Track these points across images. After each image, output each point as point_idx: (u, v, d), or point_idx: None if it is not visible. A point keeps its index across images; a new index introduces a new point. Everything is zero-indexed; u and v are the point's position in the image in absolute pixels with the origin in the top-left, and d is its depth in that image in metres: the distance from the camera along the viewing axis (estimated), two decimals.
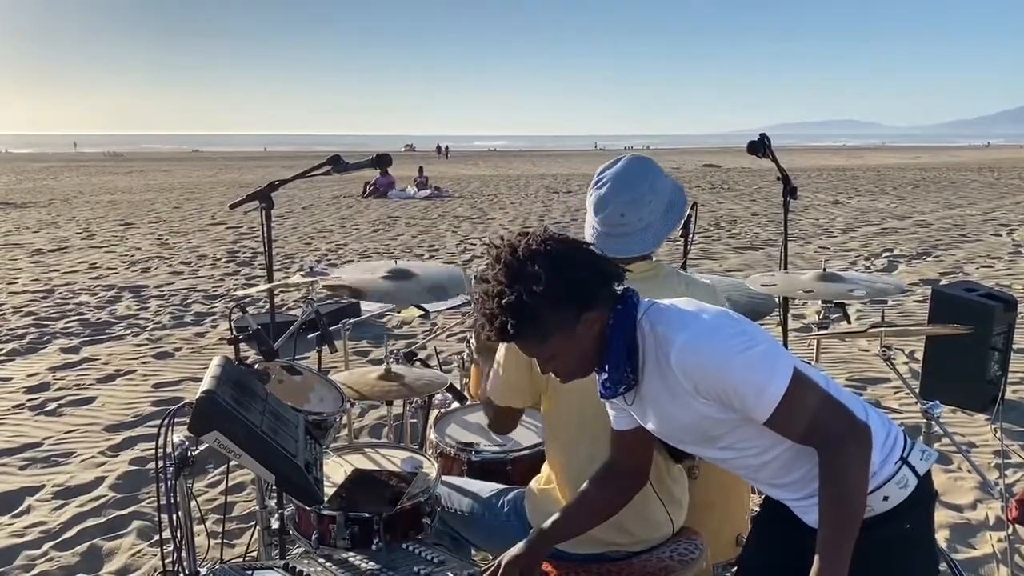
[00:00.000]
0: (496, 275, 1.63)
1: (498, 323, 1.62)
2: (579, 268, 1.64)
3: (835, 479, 1.57)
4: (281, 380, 2.60)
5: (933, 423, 2.48)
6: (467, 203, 19.68)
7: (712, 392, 1.60)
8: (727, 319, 1.66)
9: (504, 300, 1.59)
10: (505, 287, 1.60)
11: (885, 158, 50.90)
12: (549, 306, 1.60)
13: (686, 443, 1.81)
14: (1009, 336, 4.99)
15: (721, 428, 1.66)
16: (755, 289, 3.02)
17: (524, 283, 1.59)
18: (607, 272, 1.69)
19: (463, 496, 2.31)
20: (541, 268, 1.60)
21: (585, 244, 1.72)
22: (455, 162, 48.72)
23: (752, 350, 1.58)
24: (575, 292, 1.63)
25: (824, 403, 1.61)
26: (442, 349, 6.07)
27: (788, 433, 1.62)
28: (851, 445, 1.57)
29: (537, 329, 1.62)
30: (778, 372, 1.58)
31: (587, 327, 1.65)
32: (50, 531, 3.67)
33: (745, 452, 1.70)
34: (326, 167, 3.23)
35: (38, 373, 6.04)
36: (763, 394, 1.56)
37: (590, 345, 1.68)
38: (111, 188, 25.95)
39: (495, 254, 1.67)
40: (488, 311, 1.63)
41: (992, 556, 3.28)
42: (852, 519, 1.55)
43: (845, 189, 22.54)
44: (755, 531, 2.08)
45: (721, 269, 9.98)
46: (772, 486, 1.79)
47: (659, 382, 1.68)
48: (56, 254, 11.83)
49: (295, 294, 8.44)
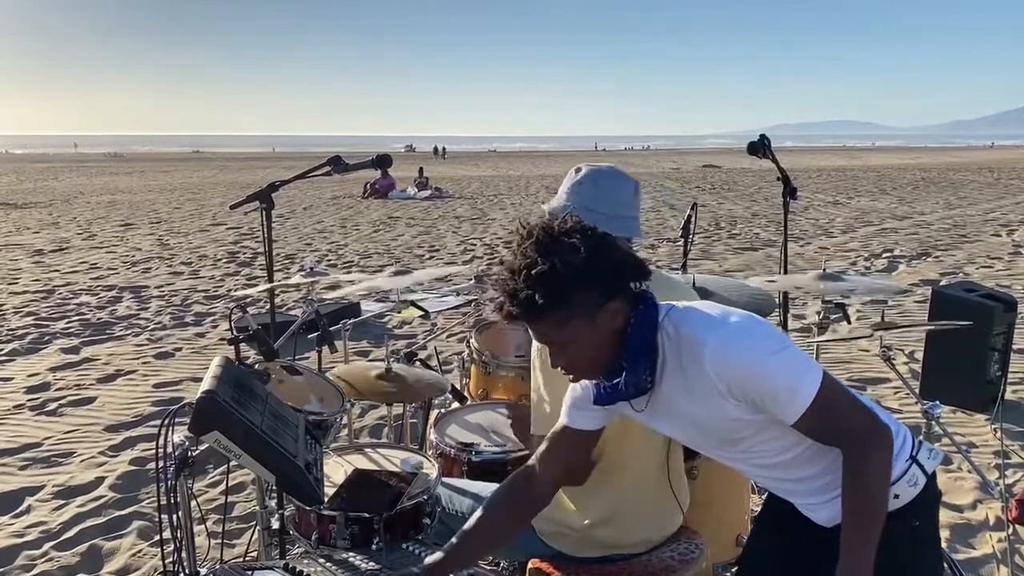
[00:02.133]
0: (525, 249, 1.58)
1: (524, 296, 1.56)
2: (615, 252, 1.62)
3: (860, 480, 1.58)
4: (281, 380, 2.60)
5: (933, 423, 2.48)
6: (467, 204, 19.67)
7: (745, 392, 1.59)
8: (754, 321, 1.65)
9: (535, 270, 1.55)
10: (538, 258, 1.55)
11: (885, 158, 50.91)
12: (579, 283, 1.56)
13: (705, 446, 1.80)
14: (1009, 336, 4.99)
15: (746, 430, 1.66)
16: (755, 288, 3.03)
17: (559, 254, 1.55)
18: (637, 264, 1.66)
19: (463, 497, 2.31)
20: (579, 241, 1.57)
21: (613, 236, 1.68)
22: (455, 163, 48.72)
23: (785, 351, 1.59)
24: (607, 274, 1.60)
25: (851, 404, 1.62)
26: (442, 349, 6.07)
27: (814, 434, 1.62)
28: (875, 446, 1.58)
29: (563, 306, 1.57)
30: (810, 372, 1.58)
31: (609, 317, 1.62)
32: (50, 531, 3.67)
33: (762, 453, 1.71)
34: (326, 168, 3.23)
35: (38, 373, 6.04)
36: (796, 395, 1.56)
37: (608, 340, 1.65)
38: (112, 188, 25.95)
39: (525, 232, 1.62)
40: (511, 288, 1.58)
41: (992, 556, 3.28)
42: (877, 518, 1.56)
43: (845, 189, 22.53)
44: (756, 531, 2.08)
45: (721, 269, 9.97)
46: (781, 486, 1.79)
47: (680, 386, 1.66)
48: (57, 254, 11.83)
49: (295, 294, 8.44)
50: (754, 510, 2.78)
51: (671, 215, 15.96)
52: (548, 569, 2.13)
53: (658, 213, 16.53)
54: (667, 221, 14.92)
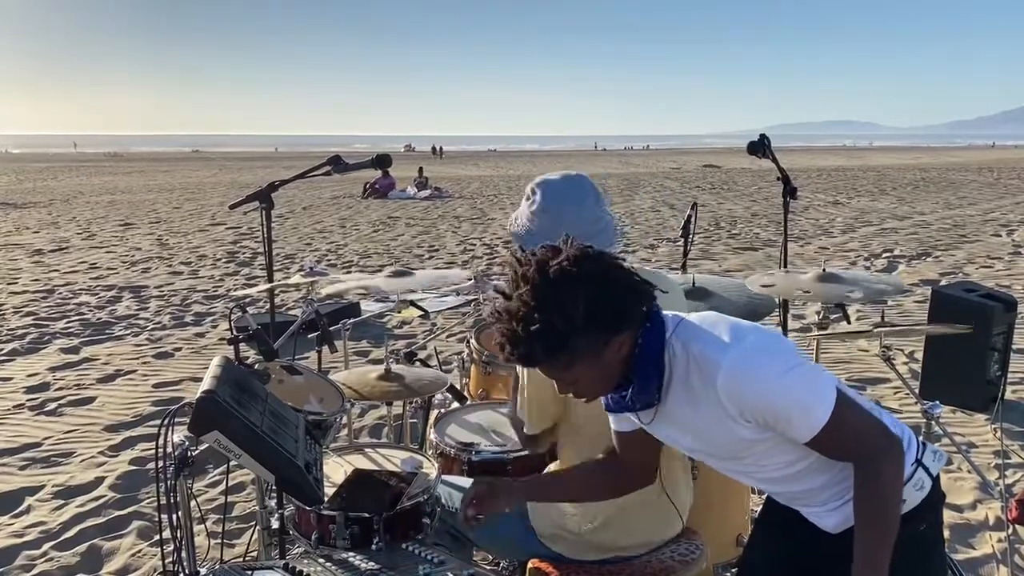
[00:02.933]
0: (521, 295, 1.50)
1: (523, 348, 1.51)
2: (616, 293, 1.54)
3: (874, 495, 1.57)
4: (281, 380, 2.60)
5: (933, 423, 2.48)
6: (467, 203, 19.67)
7: (758, 415, 1.56)
8: (766, 339, 1.59)
9: (533, 327, 1.47)
10: (534, 312, 1.48)
11: (885, 158, 50.92)
12: (580, 332, 1.50)
13: (709, 459, 1.78)
14: (1009, 336, 4.99)
15: (756, 448, 1.64)
16: (755, 290, 3.02)
17: (557, 310, 1.47)
18: (642, 293, 1.59)
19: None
20: (577, 295, 1.48)
21: (618, 259, 1.61)
22: (455, 162, 48.71)
23: (798, 369, 1.55)
24: (608, 318, 1.53)
25: (863, 420, 1.61)
26: (442, 349, 6.08)
27: (827, 452, 1.61)
28: (888, 460, 1.57)
29: (564, 356, 1.52)
30: (825, 392, 1.55)
31: (615, 350, 1.58)
32: (50, 531, 3.67)
33: (767, 467, 1.69)
34: (326, 167, 3.23)
35: (38, 373, 6.04)
36: (810, 415, 1.54)
37: (615, 368, 1.62)
38: (111, 188, 25.95)
39: (520, 272, 1.53)
40: (510, 332, 1.51)
41: (992, 556, 3.28)
42: (890, 532, 1.56)
43: (845, 189, 22.53)
44: (757, 532, 2.08)
45: (721, 269, 9.97)
46: (787, 496, 1.78)
47: (686, 402, 1.63)
48: (56, 254, 11.83)
49: (295, 294, 8.44)
50: (754, 510, 2.78)
51: (671, 215, 15.97)
52: (548, 569, 2.13)
53: (658, 213, 16.54)
54: (667, 221, 14.93)
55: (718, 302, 3.07)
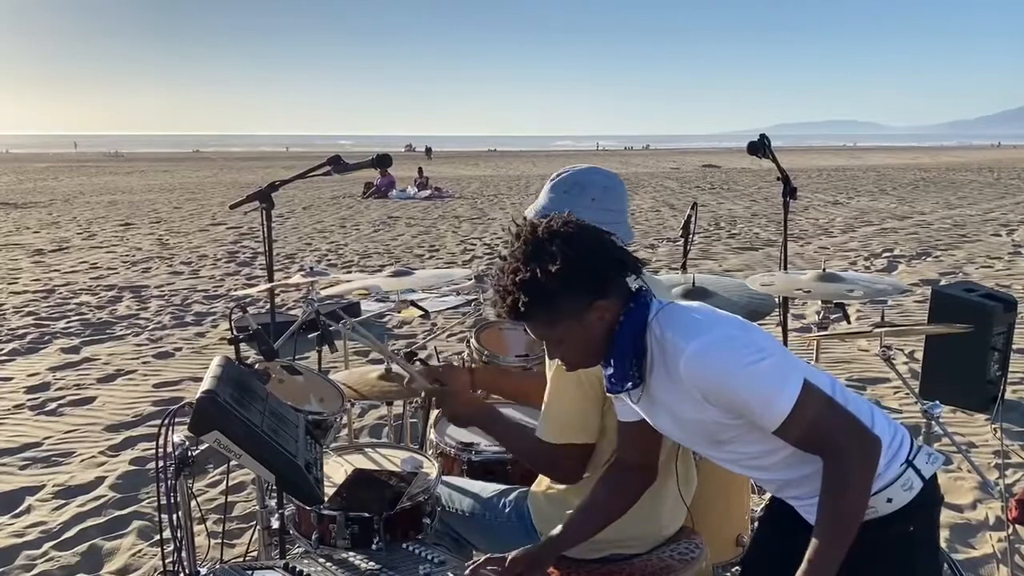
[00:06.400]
0: (514, 252, 1.64)
1: (510, 300, 1.63)
2: (596, 253, 1.64)
3: (835, 491, 1.56)
4: (281, 380, 2.60)
5: (933, 423, 2.48)
6: (467, 203, 19.68)
7: (721, 401, 1.60)
8: (739, 329, 1.64)
9: (519, 277, 1.60)
10: (521, 264, 1.61)
11: (885, 158, 50.90)
12: (562, 288, 1.60)
13: (694, 444, 1.81)
14: (1009, 336, 4.99)
15: (729, 432, 1.66)
16: (755, 289, 3.03)
17: (540, 262, 1.59)
18: (624, 262, 1.68)
19: (464, 496, 2.31)
20: (558, 248, 1.59)
21: (606, 233, 1.70)
22: (455, 162, 48.71)
23: (762, 363, 1.57)
24: (590, 277, 1.63)
25: (833, 415, 1.60)
26: (442, 349, 6.08)
27: (795, 443, 1.62)
28: (855, 458, 1.56)
29: (548, 310, 1.63)
30: (788, 385, 1.57)
31: (598, 315, 1.65)
32: (50, 531, 3.67)
33: (751, 454, 1.70)
34: (326, 167, 3.23)
35: (38, 373, 6.04)
36: (771, 407, 1.56)
37: (599, 335, 1.68)
38: (111, 188, 25.96)
39: (516, 231, 1.67)
40: (502, 287, 1.64)
41: (992, 556, 3.28)
42: (846, 532, 1.54)
43: (845, 189, 22.53)
44: (760, 532, 2.08)
45: (721, 269, 9.97)
46: (777, 486, 1.79)
47: (667, 384, 1.67)
48: (57, 254, 11.83)
49: (295, 294, 8.44)
50: (754, 510, 2.79)
51: (671, 215, 15.97)
52: (548, 568, 2.13)
53: (658, 213, 16.54)
54: (667, 221, 14.93)
55: (718, 302, 3.07)
